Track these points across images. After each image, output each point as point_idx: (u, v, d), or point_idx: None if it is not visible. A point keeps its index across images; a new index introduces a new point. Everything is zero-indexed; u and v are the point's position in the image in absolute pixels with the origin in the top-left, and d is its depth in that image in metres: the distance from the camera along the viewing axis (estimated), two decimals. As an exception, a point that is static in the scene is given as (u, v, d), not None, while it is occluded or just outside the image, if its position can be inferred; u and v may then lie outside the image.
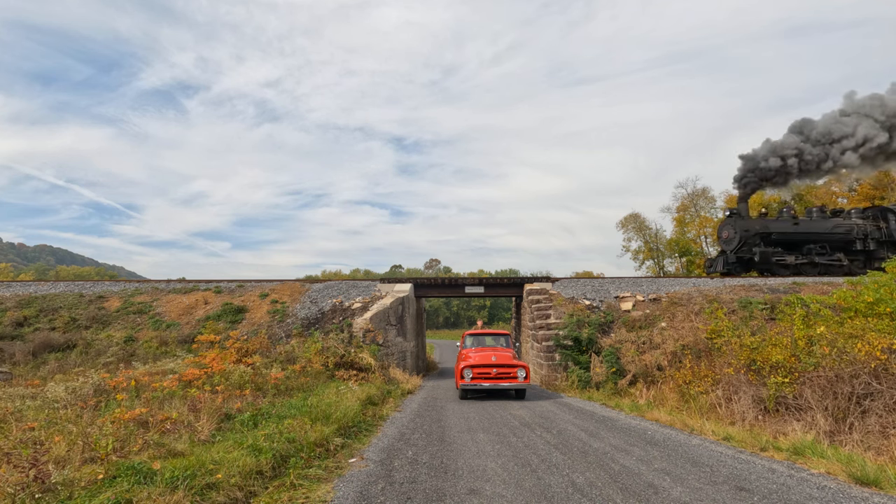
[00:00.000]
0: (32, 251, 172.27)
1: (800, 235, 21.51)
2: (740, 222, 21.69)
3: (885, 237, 21.68)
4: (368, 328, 16.04)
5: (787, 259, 21.18)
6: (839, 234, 21.67)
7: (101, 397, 7.61)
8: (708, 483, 4.87)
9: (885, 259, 21.12)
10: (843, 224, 21.86)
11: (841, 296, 10.94)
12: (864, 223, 21.95)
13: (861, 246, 21.52)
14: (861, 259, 21.85)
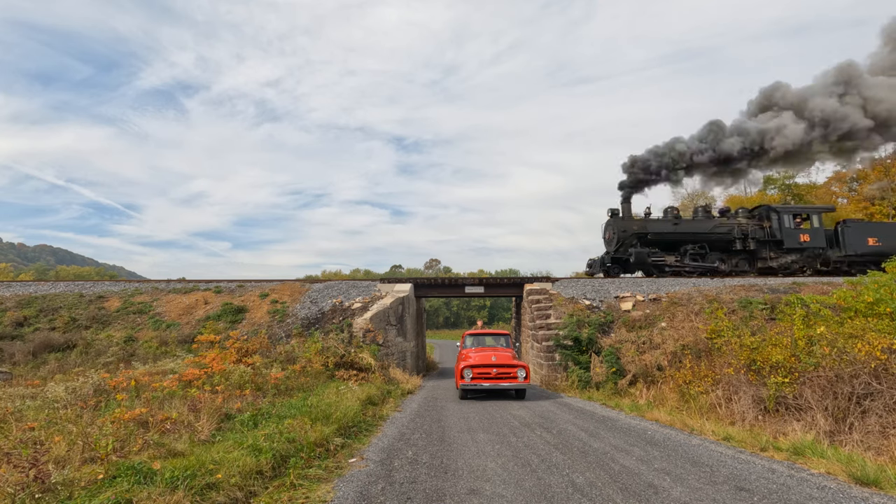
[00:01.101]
0: (32, 251, 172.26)
1: (678, 236, 21.33)
2: (619, 223, 21.57)
3: (767, 237, 21.40)
4: (368, 328, 16.04)
5: (665, 259, 21.12)
6: (719, 234, 21.42)
7: (101, 397, 7.61)
8: (708, 483, 4.87)
9: (768, 259, 21.16)
10: (725, 224, 21.61)
11: (841, 296, 10.94)
12: (747, 223, 21.73)
13: (741, 246, 21.30)
14: (744, 258, 21.62)
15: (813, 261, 21.60)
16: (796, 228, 21.43)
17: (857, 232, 21.08)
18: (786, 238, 21.22)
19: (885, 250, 20.69)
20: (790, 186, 33.99)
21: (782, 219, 21.40)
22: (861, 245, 20.89)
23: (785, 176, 34.17)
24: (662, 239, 21.34)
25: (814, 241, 21.29)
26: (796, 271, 21.48)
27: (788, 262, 21.40)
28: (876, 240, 20.92)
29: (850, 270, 21.02)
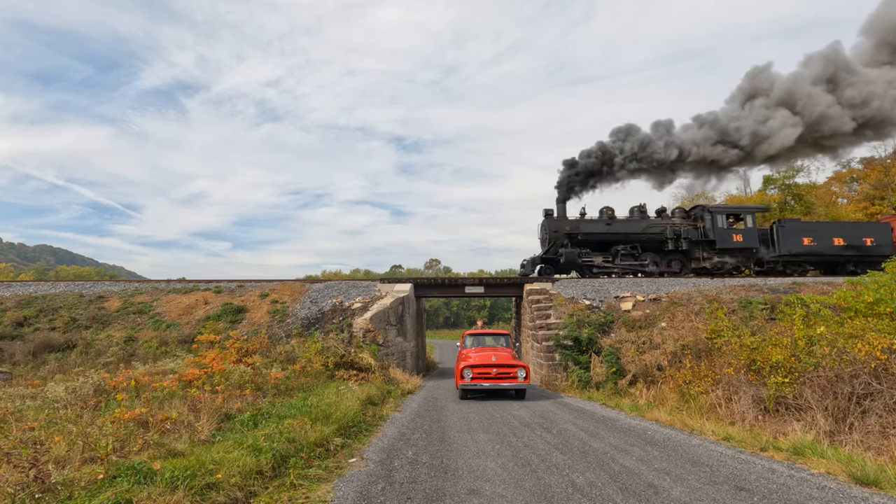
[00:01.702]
0: (32, 251, 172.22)
1: (610, 236, 21.32)
2: (552, 223, 21.55)
3: (701, 237, 21.31)
4: (368, 328, 16.04)
5: (594, 260, 21.11)
6: (651, 234, 21.37)
7: (101, 397, 7.61)
8: (708, 483, 4.87)
9: (701, 259, 21.13)
10: (657, 224, 21.57)
11: (841, 296, 10.94)
12: (681, 223, 21.67)
13: (673, 246, 21.21)
14: (678, 259, 21.55)
15: (747, 261, 21.52)
16: (729, 228, 21.29)
17: (791, 232, 20.93)
18: (718, 238, 21.12)
19: (820, 250, 20.73)
20: (790, 186, 33.96)
21: (715, 219, 21.28)
22: (796, 245, 20.76)
23: (785, 176, 34.15)
24: (594, 239, 21.34)
25: (747, 241, 21.19)
26: (730, 271, 21.35)
27: (721, 262, 21.33)
28: (811, 239, 20.81)
29: (785, 270, 20.96)
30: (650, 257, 21.42)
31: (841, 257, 20.90)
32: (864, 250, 20.83)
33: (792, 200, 33.96)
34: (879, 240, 20.90)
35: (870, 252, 20.80)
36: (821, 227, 21.69)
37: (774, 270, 21.27)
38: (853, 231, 21.22)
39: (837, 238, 20.84)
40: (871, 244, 20.83)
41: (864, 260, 20.82)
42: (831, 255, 20.88)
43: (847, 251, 20.80)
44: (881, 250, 20.70)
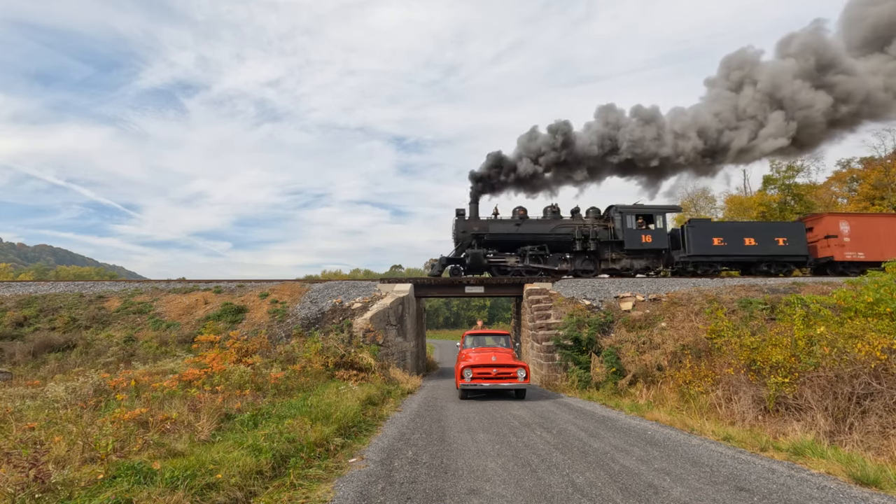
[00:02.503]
0: (32, 251, 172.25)
1: (518, 237, 21.23)
2: (462, 223, 21.46)
3: (611, 237, 21.23)
4: (368, 328, 16.03)
5: (507, 261, 21.05)
6: (559, 235, 21.28)
7: (101, 397, 7.61)
8: (708, 483, 4.87)
9: (609, 260, 21.14)
10: (567, 224, 21.48)
11: (841, 296, 10.94)
12: (592, 223, 21.58)
13: (581, 247, 21.14)
14: (587, 259, 21.46)
15: (656, 262, 21.39)
16: (638, 229, 21.11)
17: (701, 232, 20.70)
18: (627, 239, 21.00)
19: (731, 251, 20.55)
20: (790, 187, 33.97)
21: (625, 219, 21.14)
22: (706, 246, 20.56)
23: (785, 176, 34.17)
24: (502, 240, 21.28)
25: (656, 242, 21.02)
26: (639, 272, 21.20)
27: (629, 263, 21.23)
28: (721, 240, 20.60)
29: (696, 271, 20.80)
30: (559, 258, 21.36)
31: (753, 257, 20.66)
32: (776, 250, 20.58)
33: (792, 200, 33.96)
34: (793, 240, 20.62)
35: (782, 252, 20.59)
36: (732, 227, 21.42)
37: (685, 272, 21.06)
38: (765, 231, 20.91)
39: (749, 238, 20.59)
40: (783, 244, 20.59)
41: (778, 260, 20.69)
42: (742, 256, 20.65)
43: (759, 251, 20.55)
44: (794, 250, 20.55)
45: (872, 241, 20.83)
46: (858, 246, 20.75)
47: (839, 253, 20.65)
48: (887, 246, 20.83)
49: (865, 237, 20.82)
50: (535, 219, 21.86)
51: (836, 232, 20.75)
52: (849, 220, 21.09)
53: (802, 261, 20.99)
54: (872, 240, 20.85)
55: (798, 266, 21.38)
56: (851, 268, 20.96)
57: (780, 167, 34.49)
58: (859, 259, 20.70)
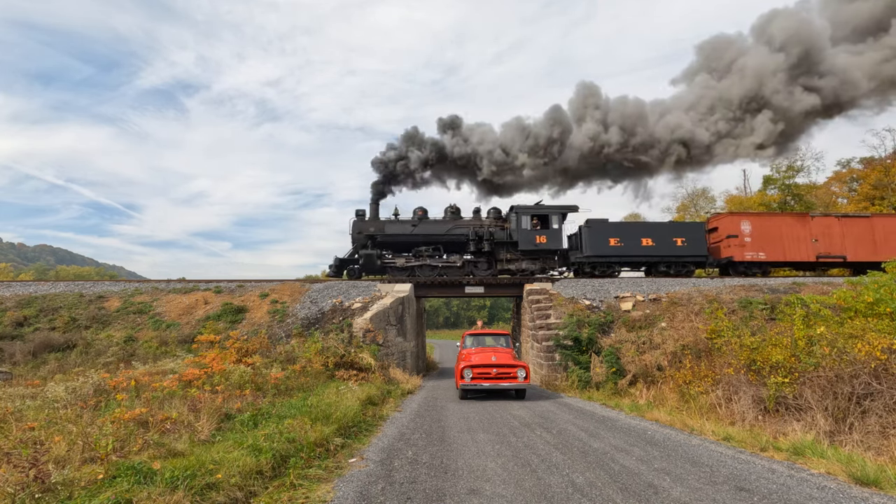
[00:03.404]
0: (32, 251, 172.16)
1: (412, 237, 21.20)
2: (357, 224, 21.51)
3: (507, 238, 21.12)
4: (368, 328, 16.03)
5: (396, 261, 21.05)
6: (454, 235, 21.17)
7: (101, 397, 7.61)
8: (708, 483, 4.87)
9: (505, 261, 21.08)
10: (463, 225, 21.41)
11: (841, 296, 10.93)
12: (489, 224, 21.48)
13: (475, 247, 21.03)
14: (484, 260, 21.37)
15: (552, 262, 21.26)
16: (532, 230, 20.93)
17: (598, 233, 20.48)
18: (521, 240, 20.79)
19: (627, 251, 20.41)
20: (790, 187, 33.97)
21: (520, 220, 20.95)
22: (603, 246, 20.40)
23: (785, 176, 34.17)
24: (396, 241, 21.25)
25: (550, 243, 20.82)
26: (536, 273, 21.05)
27: (524, 263, 21.11)
28: (618, 240, 20.44)
29: (593, 272, 20.71)
30: (455, 258, 21.32)
31: (651, 258, 20.54)
32: (674, 251, 20.41)
33: (792, 200, 33.96)
34: (691, 241, 20.36)
35: (681, 253, 20.42)
36: (629, 227, 21.24)
37: (582, 272, 20.98)
38: (664, 232, 20.67)
39: (646, 239, 20.43)
40: (681, 244, 20.40)
41: (677, 261, 20.57)
42: (639, 257, 20.52)
43: (656, 252, 20.42)
44: (693, 251, 20.39)
45: (774, 241, 20.67)
46: (759, 246, 20.60)
47: (739, 253, 20.51)
48: (789, 246, 20.72)
49: (767, 237, 20.67)
50: (434, 219, 21.86)
51: (737, 232, 20.60)
52: (750, 220, 20.93)
53: (702, 261, 20.84)
54: (774, 240, 20.69)
55: (698, 266, 21.19)
56: (752, 268, 20.84)
57: (780, 167, 34.48)
58: (760, 259, 20.57)
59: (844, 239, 20.83)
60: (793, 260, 20.92)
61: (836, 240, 20.84)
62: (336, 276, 21.56)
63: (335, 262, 21.53)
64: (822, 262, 20.87)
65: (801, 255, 20.68)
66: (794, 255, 20.74)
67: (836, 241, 20.83)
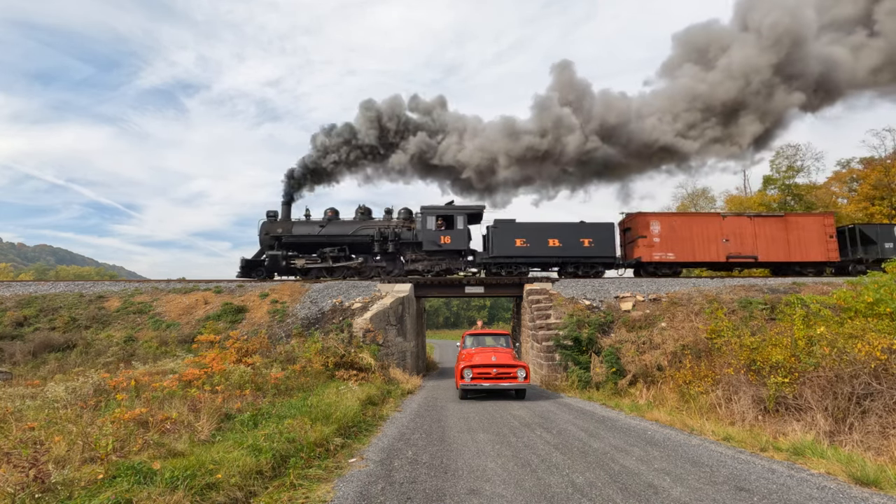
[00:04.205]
0: (32, 251, 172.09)
1: (318, 238, 21.26)
2: (266, 225, 21.61)
3: (413, 238, 21.15)
4: (368, 328, 16.04)
5: (296, 262, 21.13)
6: (360, 236, 21.25)
7: (101, 397, 7.60)
8: (708, 483, 4.87)
9: (410, 261, 21.07)
10: (370, 226, 21.45)
11: (841, 296, 10.93)
12: (396, 224, 21.51)
13: (379, 248, 21.09)
14: (390, 261, 21.44)
15: (456, 263, 21.19)
16: (437, 230, 20.87)
17: (504, 233, 20.42)
18: (425, 240, 20.77)
19: (534, 252, 20.36)
20: (790, 187, 33.97)
21: (425, 220, 20.93)
22: (509, 247, 20.34)
23: (785, 176, 34.17)
24: (303, 241, 21.29)
25: (454, 243, 20.72)
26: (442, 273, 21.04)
27: (429, 264, 21.09)
28: (524, 241, 20.37)
29: (500, 272, 20.65)
30: (361, 259, 21.38)
31: (557, 259, 20.47)
32: (581, 252, 20.34)
33: (792, 200, 33.96)
34: (599, 241, 20.36)
35: (588, 254, 20.35)
36: (535, 228, 20.78)
37: (490, 273, 20.91)
38: (571, 232, 20.51)
39: (553, 240, 20.35)
40: (589, 245, 20.33)
41: (585, 262, 20.50)
42: (546, 257, 20.46)
43: (563, 253, 20.36)
44: (601, 251, 20.33)
45: (684, 241, 20.55)
46: (668, 246, 20.49)
47: (647, 254, 20.42)
48: (699, 246, 20.57)
49: (676, 237, 20.57)
50: (343, 220, 21.95)
51: (646, 232, 20.52)
52: (660, 220, 20.78)
53: (611, 262, 20.76)
54: (684, 240, 20.57)
55: (607, 267, 21.05)
56: (662, 268, 20.72)
57: (780, 167, 34.48)
58: (668, 260, 20.45)
59: (756, 239, 20.68)
60: (703, 260, 20.84)
61: (748, 240, 20.68)
62: (246, 277, 21.73)
63: (241, 263, 21.72)
64: (733, 262, 20.78)
65: (712, 256, 20.57)
66: (704, 256, 20.60)
67: (747, 241, 20.67)
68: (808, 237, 20.63)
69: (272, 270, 21.35)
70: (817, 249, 20.53)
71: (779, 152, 34.86)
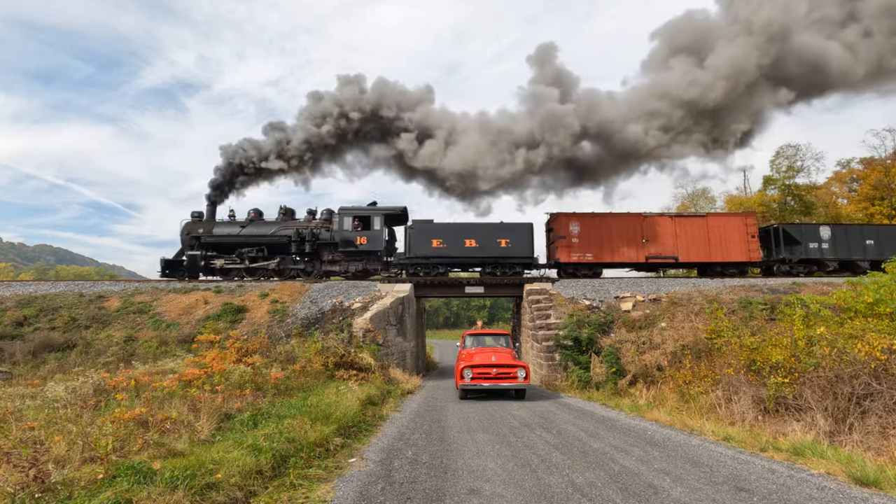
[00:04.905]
0: (32, 251, 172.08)
1: (237, 238, 21.36)
2: (188, 226, 21.78)
3: (331, 239, 21.28)
4: (368, 328, 16.04)
5: (216, 263, 21.28)
6: (278, 237, 21.33)
7: (101, 397, 7.60)
8: (707, 483, 4.87)
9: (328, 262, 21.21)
10: (288, 226, 21.56)
11: (841, 296, 10.93)
12: (315, 225, 21.60)
13: (296, 249, 21.23)
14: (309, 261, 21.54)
15: (374, 263, 21.30)
16: (353, 231, 20.98)
17: (421, 234, 20.52)
18: (341, 241, 20.92)
19: (450, 252, 20.40)
20: (790, 187, 33.97)
21: (342, 221, 21.05)
22: (426, 247, 20.41)
23: (785, 176, 34.17)
24: (223, 242, 21.41)
25: (371, 244, 20.86)
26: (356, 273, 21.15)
27: (346, 265, 21.24)
28: (440, 242, 20.42)
29: (418, 273, 20.70)
30: (279, 259, 21.46)
31: (474, 259, 20.49)
32: (498, 252, 20.27)
33: (792, 201, 33.95)
34: (516, 241, 20.30)
35: (505, 254, 20.29)
36: (452, 228, 20.80)
37: (408, 273, 20.97)
38: (488, 233, 20.47)
39: (469, 240, 20.35)
40: (506, 245, 20.32)
41: (502, 262, 20.47)
42: (462, 258, 20.48)
43: (480, 253, 20.31)
44: (518, 252, 20.29)
45: (602, 243, 20.51)
46: (587, 247, 20.45)
47: (565, 255, 20.39)
48: (619, 246, 20.50)
49: (595, 238, 20.52)
50: (265, 221, 22.05)
51: (566, 233, 20.49)
52: (580, 221, 20.68)
53: (528, 262, 20.71)
54: (603, 240, 20.52)
55: (526, 268, 21.00)
56: (581, 269, 20.70)
57: (780, 167, 34.48)
58: (587, 261, 20.42)
59: (677, 239, 20.58)
60: (622, 261, 20.79)
61: (669, 240, 20.59)
62: (169, 276, 21.85)
63: (161, 264, 21.91)
64: (653, 262, 20.71)
65: (631, 257, 20.52)
66: (624, 257, 20.53)
67: (668, 241, 20.58)
68: (730, 237, 20.53)
69: (191, 271, 21.54)
70: (739, 249, 20.42)
71: (779, 152, 34.90)
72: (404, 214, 22.07)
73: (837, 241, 20.77)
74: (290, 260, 21.65)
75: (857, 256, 20.74)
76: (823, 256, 20.60)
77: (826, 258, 20.65)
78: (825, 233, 20.86)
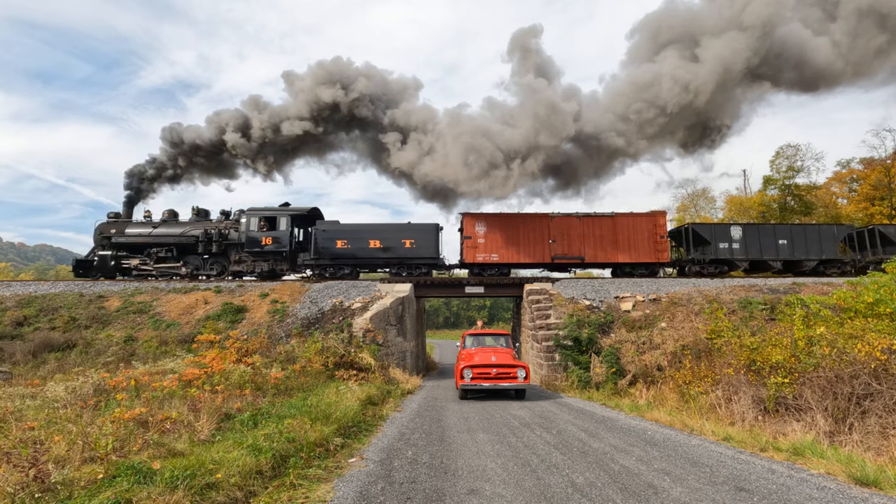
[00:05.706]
0: (32, 251, 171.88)
1: (148, 238, 21.51)
2: (101, 226, 21.88)
3: (239, 239, 21.37)
4: (368, 328, 16.04)
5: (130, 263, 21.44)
6: (187, 237, 21.39)
7: (101, 397, 7.60)
8: (707, 483, 4.87)
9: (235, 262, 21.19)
10: (197, 227, 21.66)
11: (841, 296, 10.93)
12: (224, 225, 21.69)
13: (204, 249, 21.31)
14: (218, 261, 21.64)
15: (280, 264, 21.37)
16: (259, 231, 21.00)
17: (327, 235, 20.72)
18: (247, 242, 21.01)
19: (355, 253, 20.56)
20: (790, 187, 33.96)
21: (248, 222, 21.12)
22: (331, 248, 20.60)
23: (785, 176, 34.17)
24: (134, 242, 21.60)
25: (277, 244, 20.95)
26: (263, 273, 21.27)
27: (252, 265, 21.33)
28: (345, 242, 20.58)
29: (324, 273, 20.81)
30: (189, 259, 21.59)
31: (378, 260, 20.70)
32: (403, 252, 20.47)
33: (792, 201, 33.95)
34: (420, 242, 20.46)
35: (410, 255, 20.46)
36: (356, 229, 21.06)
37: (314, 273, 21.12)
38: (392, 233, 20.69)
39: (374, 241, 20.55)
40: (410, 246, 20.46)
41: (407, 263, 20.59)
42: (367, 259, 20.67)
43: (384, 254, 20.51)
44: (422, 252, 20.39)
45: (508, 243, 20.45)
46: (492, 248, 20.38)
47: (471, 255, 20.32)
48: (525, 247, 20.46)
49: (502, 238, 20.47)
50: (179, 221, 22.20)
51: (472, 233, 20.45)
52: (486, 221, 20.66)
53: (433, 263, 20.81)
54: (510, 241, 20.47)
55: (432, 268, 21.11)
56: (486, 269, 20.67)
57: (780, 167, 34.47)
58: (492, 261, 20.38)
59: (584, 240, 20.56)
60: (528, 262, 20.81)
61: (576, 241, 20.55)
62: (83, 276, 21.98)
63: (73, 264, 22.12)
64: (559, 263, 20.71)
65: (538, 257, 20.50)
66: (530, 257, 20.50)
67: (574, 241, 20.55)
68: (638, 237, 20.45)
69: (104, 271, 21.72)
70: (647, 250, 20.34)
71: (779, 152, 34.91)
72: (315, 215, 22.21)
73: (748, 241, 20.62)
74: (198, 260, 21.81)
75: (769, 256, 20.59)
76: (734, 256, 20.49)
77: (736, 258, 20.54)
78: (736, 232, 20.74)
